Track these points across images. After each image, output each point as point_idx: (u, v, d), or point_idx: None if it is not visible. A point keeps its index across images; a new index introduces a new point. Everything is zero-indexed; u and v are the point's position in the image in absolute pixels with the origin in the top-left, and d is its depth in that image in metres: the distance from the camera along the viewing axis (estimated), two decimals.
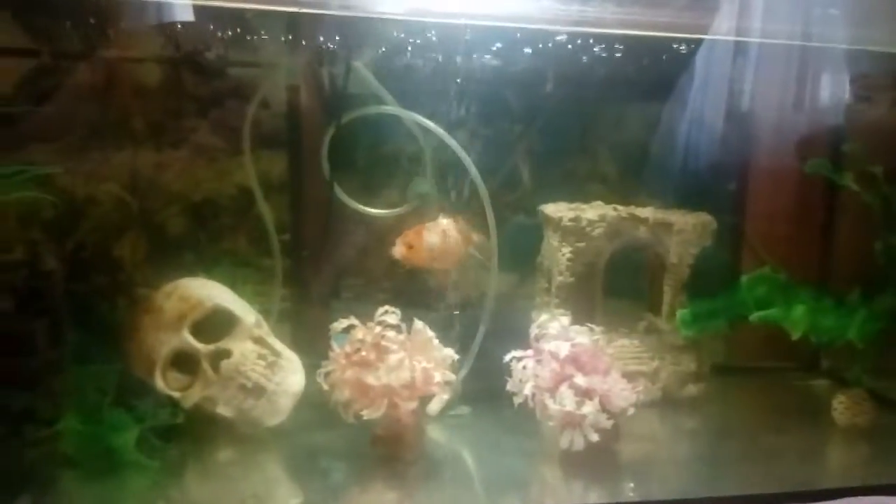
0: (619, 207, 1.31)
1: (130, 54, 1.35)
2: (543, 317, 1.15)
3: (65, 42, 1.32)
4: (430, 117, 1.28)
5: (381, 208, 1.36)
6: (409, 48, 1.33)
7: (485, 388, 1.23)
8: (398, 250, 1.17)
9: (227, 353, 1.12)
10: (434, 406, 1.22)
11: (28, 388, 1.10)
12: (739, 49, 1.44)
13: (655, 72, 1.44)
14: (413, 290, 1.47)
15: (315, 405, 1.16)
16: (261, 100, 1.32)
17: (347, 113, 1.31)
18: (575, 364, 1.08)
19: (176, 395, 1.10)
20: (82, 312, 1.25)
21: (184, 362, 1.12)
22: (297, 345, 1.24)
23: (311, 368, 1.17)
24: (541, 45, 1.35)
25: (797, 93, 1.50)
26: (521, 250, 1.40)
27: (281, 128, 1.38)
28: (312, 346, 1.28)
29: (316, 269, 1.42)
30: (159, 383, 1.09)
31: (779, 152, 1.51)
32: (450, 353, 1.11)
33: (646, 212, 1.31)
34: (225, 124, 1.39)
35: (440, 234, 1.18)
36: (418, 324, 1.10)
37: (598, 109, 1.49)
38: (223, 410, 1.13)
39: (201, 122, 1.39)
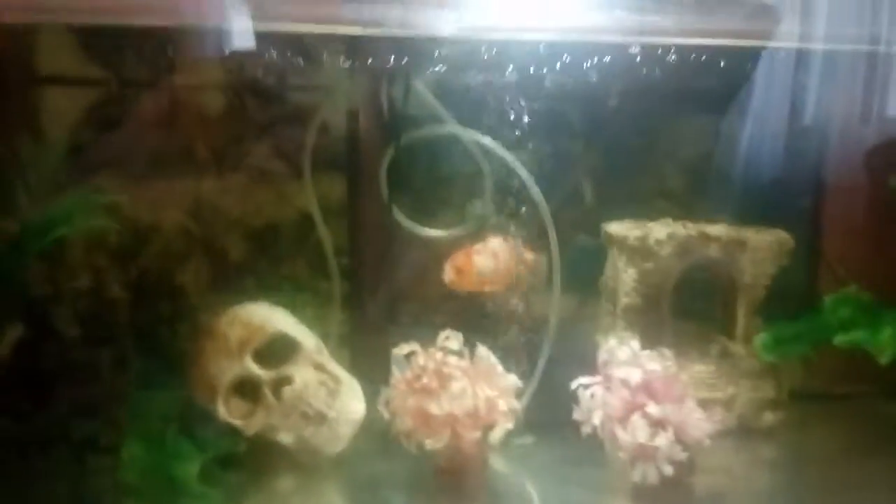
0: (689, 225, 1.26)
1: (192, 82, 1.37)
2: (612, 341, 1.10)
3: (130, 71, 1.35)
4: (489, 136, 1.25)
5: (440, 230, 1.34)
6: (469, 66, 1.31)
7: (549, 417, 1.19)
8: (447, 274, 1.14)
9: (288, 380, 1.11)
10: (497, 435, 1.17)
11: (91, 416, 1.11)
12: (810, 57, 1.38)
13: (723, 84, 1.39)
14: (473, 314, 1.44)
15: (376, 433, 1.14)
16: (320, 124, 1.31)
17: (406, 134, 1.29)
18: (647, 392, 1.03)
19: (238, 422, 1.09)
20: (146, 339, 1.26)
21: (246, 390, 1.11)
22: (356, 370, 1.21)
23: (370, 395, 1.16)
24: (603, 59, 1.31)
25: (874, 102, 1.42)
26: (583, 271, 1.35)
27: (340, 151, 1.37)
28: (372, 371, 1.26)
29: (374, 292, 1.40)
30: (221, 411, 1.08)
31: (856, 165, 1.43)
32: (514, 380, 1.08)
33: (717, 229, 1.25)
34: (284, 149, 1.40)
35: (490, 255, 1.15)
36: (482, 350, 1.07)
37: (664, 123, 1.44)
38: (284, 438, 1.11)
39: (261, 147, 1.39)
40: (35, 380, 1.12)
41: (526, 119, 1.30)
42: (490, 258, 1.14)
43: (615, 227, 1.30)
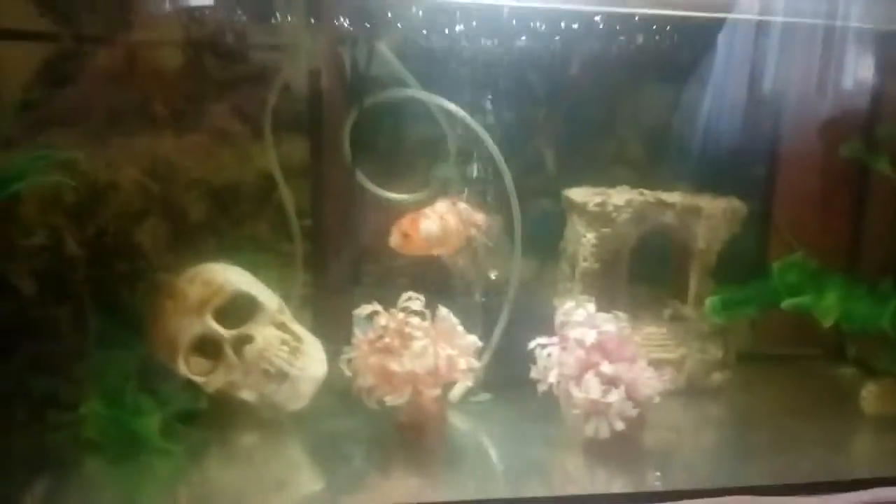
0: (646, 192, 1.29)
1: (151, 37, 1.34)
2: (569, 304, 1.12)
3: (86, 26, 1.31)
4: (453, 101, 1.26)
5: (403, 193, 1.34)
6: (433, 29, 1.30)
7: (506, 375, 1.22)
8: (394, 238, 1.12)
9: (249, 339, 1.11)
10: (456, 392, 1.20)
11: (51, 373, 1.10)
12: (767, 29, 1.40)
13: (682, 54, 1.41)
14: (435, 277, 1.46)
15: (337, 391, 1.16)
16: (282, 84, 1.30)
17: (370, 96, 1.28)
18: (601, 352, 1.06)
19: (199, 379, 1.10)
20: (104, 298, 1.25)
21: (206, 347, 1.11)
22: (318, 330, 1.23)
23: (332, 354, 1.17)
24: (564, 27, 1.31)
25: (827, 74, 1.46)
26: (543, 235, 1.37)
27: (302, 112, 1.36)
28: (333, 331, 1.27)
29: (337, 254, 1.41)
30: (182, 368, 1.09)
31: (808, 136, 1.47)
32: (474, 340, 1.10)
33: (673, 197, 1.29)
34: (245, 109, 1.38)
35: (437, 218, 1.14)
36: (442, 311, 1.09)
37: (625, 92, 1.45)
38: (246, 395, 1.12)
39: (221, 106, 1.37)
40: None
41: (489, 85, 1.31)
42: (436, 222, 1.13)
43: (575, 193, 1.32)
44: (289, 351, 1.13)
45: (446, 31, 1.31)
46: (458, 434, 1.15)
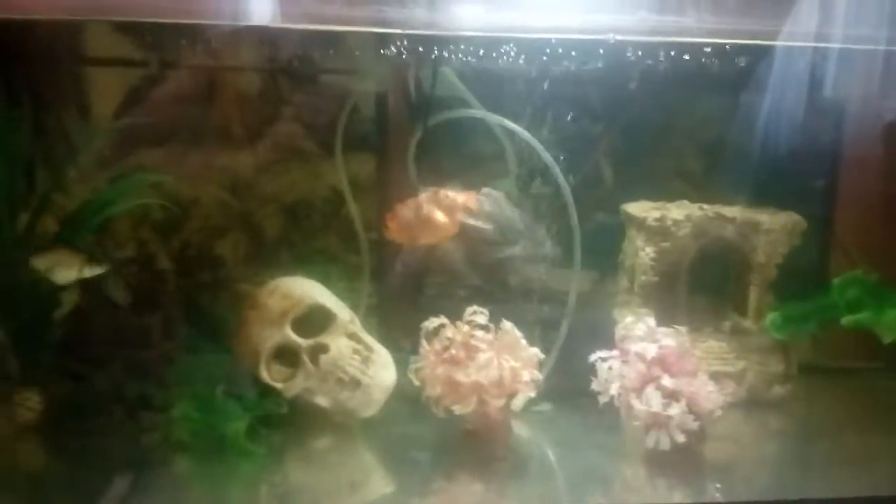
0: (706, 206, 1.29)
1: (230, 63, 1.41)
2: (629, 318, 1.14)
3: (170, 53, 1.39)
4: (512, 119, 1.29)
5: None
6: (494, 54, 1.34)
7: (567, 386, 1.24)
8: (383, 227, 1.17)
9: (324, 348, 1.16)
10: (519, 402, 1.22)
11: (144, 378, 1.17)
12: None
13: (740, 68, 1.40)
14: (495, 287, 1.49)
15: (405, 398, 1.20)
16: (352, 105, 1.35)
17: (433, 116, 1.33)
18: (662, 365, 1.07)
19: (279, 385, 1.15)
20: (191, 307, 1.32)
21: (286, 355, 1.17)
22: (384, 339, 1.27)
23: (398, 363, 1.21)
24: (620, 44, 1.32)
25: (891, 79, 1.42)
26: (602, 248, 1.39)
27: (370, 132, 1.41)
28: (399, 340, 1.32)
29: (401, 266, 1.45)
30: (264, 374, 1.15)
31: (871, 146, 1.44)
32: (536, 352, 1.12)
33: (733, 211, 1.28)
34: (317, 129, 1.44)
35: (413, 208, 1.16)
36: (506, 324, 1.11)
37: (682, 106, 1.45)
38: (321, 401, 1.17)
39: (295, 126, 1.44)
40: (91, 344, 1.19)
41: (549, 102, 1.33)
42: (411, 211, 1.16)
43: (634, 208, 1.33)
44: (361, 360, 1.18)
45: (504, 50, 1.33)
46: (521, 442, 1.18)
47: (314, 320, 1.18)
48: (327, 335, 1.18)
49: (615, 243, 1.40)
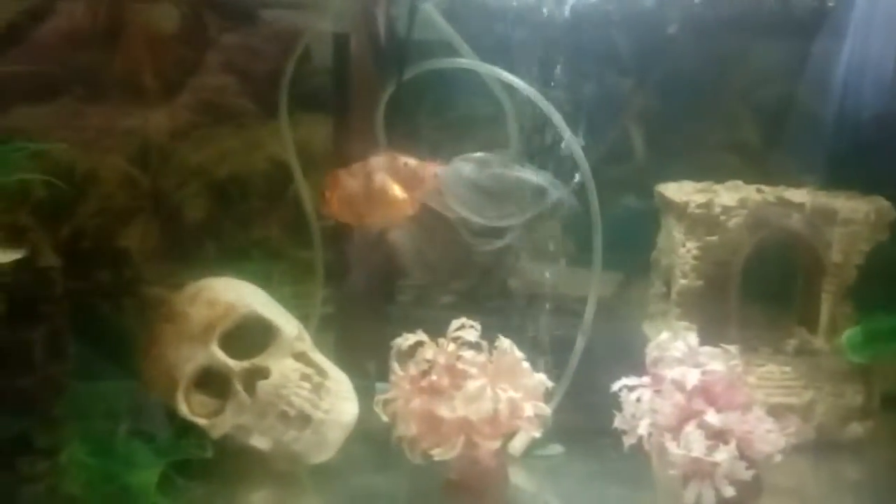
0: (765, 189, 1.29)
1: None
2: (664, 334, 1.14)
3: None
4: (515, 72, 1.28)
5: None
6: None
7: (582, 423, 1.25)
8: (318, 202, 1.14)
9: (263, 372, 1.16)
10: (518, 444, 1.23)
11: (23, 412, 1.16)
12: None
13: (812, 6, 1.40)
14: (489, 293, 1.49)
15: (370, 439, 1.19)
16: (301, 51, 1.34)
17: (410, 66, 1.32)
18: (706, 397, 1.08)
19: (202, 422, 1.14)
20: (84, 318, 1.31)
21: (211, 382, 1.16)
22: (342, 361, 1.26)
23: (360, 392, 1.21)
24: None
25: None
26: (629, 242, 1.39)
27: (325, 86, 1.41)
28: (360, 362, 1.32)
29: (365, 263, 1.45)
30: (182, 408, 1.14)
31: None
32: (542, 379, 1.12)
33: (800, 195, 1.29)
34: (255, 82, 1.43)
35: (363, 177, 1.14)
36: (504, 342, 1.11)
37: (735, 56, 1.46)
38: (258, 442, 1.16)
39: (227, 78, 1.42)
40: None
41: (561, 50, 1.32)
42: (361, 180, 1.14)
43: (672, 190, 1.33)
44: (311, 388, 1.17)
45: None
46: (521, 496, 1.17)
47: (250, 336, 1.17)
48: (267, 356, 1.17)
49: (646, 236, 1.41)
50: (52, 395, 1.18)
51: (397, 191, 1.14)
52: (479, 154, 1.18)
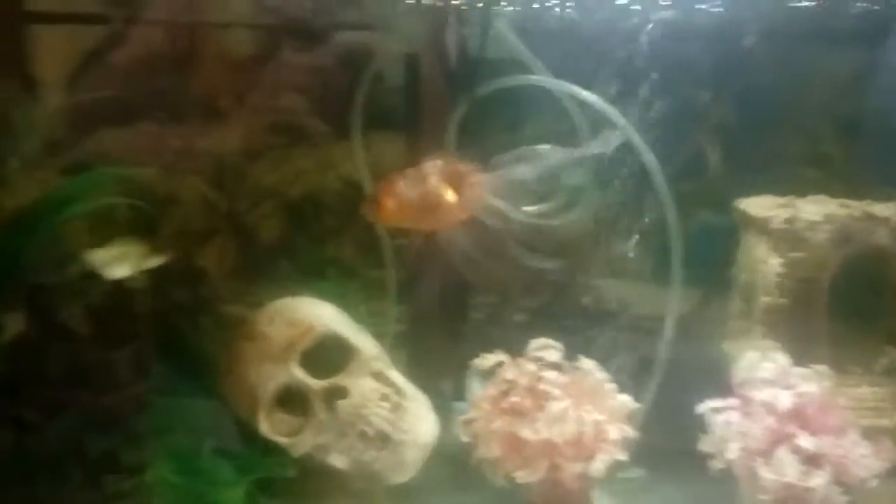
0: (851, 203, 1.26)
1: (214, 17, 1.42)
2: (752, 354, 1.11)
3: (141, 5, 1.39)
4: (588, 89, 1.26)
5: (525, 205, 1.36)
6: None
7: (663, 446, 1.21)
8: (367, 206, 1.12)
9: (343, 392, 1.16)
10: (599, 466, 1.20)
11: (109, 430, 1.18)
12: None
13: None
14: (565, 311, 1.48)
15: (447, 460, 1.19)
16: (374, 72, 1.34)
17: (482, 84, 1.31)
18: (799, 420, 1.05)
19: (284, 441, 1.14)
20: (164, 336, 1.32)
21: (292, 402, 1.16)
22: (416, 380, 1.25)
23: (435, 411, 1.20)
24: None
25: None
26: (706, 259, 1.36)
27: (397, 105, 1.41)
28: (434, 381, 1.31)
29: (438, 281, 1.44)
30: (264, 426, 1.14)
31: None
32: (627, 400, 1.11)
33: (886, 209, 1.25)
34: (329, 102, 1.44)
35: (418, 182, 1.11)
36: (587, 363, 1.10)
37: (817, 67, 1.42)
38: (337, 461, 1.16)
39: (300, 99, 1.44)
40: (40, 385, 1.19)
41: (636, 64, 1.31)
42: (416, 185, 1.10)
43: (753, 205, 1.30)
44: (390, 408, 1.17)
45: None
46: None
47: (329, 355, 1.17)
48: (346, 375, 1.17)
49: (723, 252, 1.37)
50: (137, 412, 1.19)
51: (450, 195, 1.13)
52: (523, 149, 1.16)
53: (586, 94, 1.26)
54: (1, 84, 1.39)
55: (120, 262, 1.17)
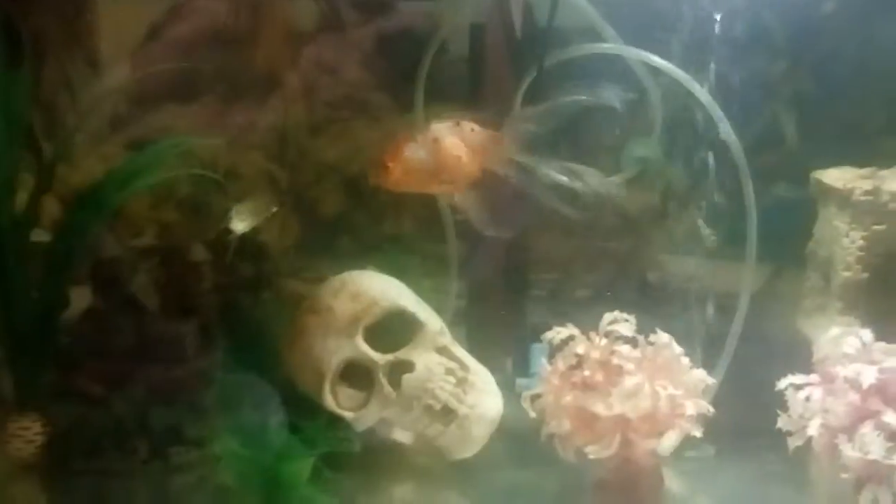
0: None
1: None
2: (834, 330, 1.07)
3: None
4: (661, 54, 1.24)
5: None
6: None
7: (735, 423, 1.17)
8: (373, 172, 1.08)
9: (408, 366, 1.15)
10: (668, 443, 1.17)
11: (174, 403, 1.18)
12: None
13: None
14: (630, 285, 1.45)
15: (514, 435, 1.17)
16: (439, 43, 1.32)
17: (550, 53, 1.28)
18: (884, 396, 1.00)
19: (348, 415, 1.14)
20: (227, 310, 1.33)
21: (357, 376, 1.15)
22: (476, 355, 1.23)
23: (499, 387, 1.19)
24: None
25: None
26: (780, 232, 1.32)
27: (461, 77, 1.38)
28: (495, 356, 1.29)
29: (501, 256, 1.42)
30: (328, 400, 1.14)
31: None
32: (702, 375, 1.08)
33: None
34: (390, 75, 1.42)
35: (428, 144, 1.07)
36: (662, 336, 1.07)
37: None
38: (401, 436, 1.16)
39: (364, 73, 1.42)
40: (107, 358, 1.20)
41: (711, 30, 1.27)
42: (425, 147, 1.07)
43: (832, 176, 1.25)
44: (455, 383, 1.15)
45: None
46: (674, 498, 1.14)
47: (393, 330, 1.16)
48: (411, 349, 1.16)
49: (798, 225, 1.33)
50: (203, 386, 1.19)
51: (463, 156, 1.09)
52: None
53: (661, 62, 1.23)
54: (65, 60, 1.40)
55: (245, 216, 1.17)
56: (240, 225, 1.20)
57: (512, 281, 1.45)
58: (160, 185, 1.32)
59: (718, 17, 1.27)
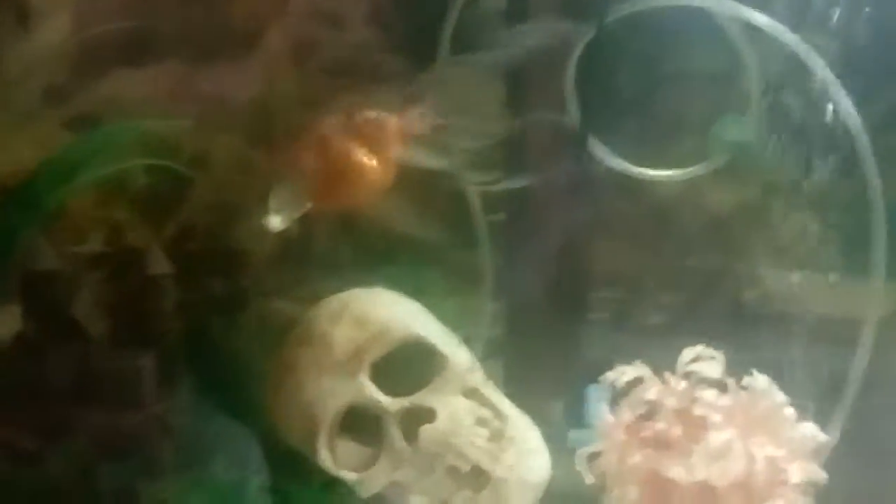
0: None
1: None
2: None
3: None
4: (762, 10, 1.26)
5: (665, 168, 1.35)
6: None
7: (851, 490, 1.18)
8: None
9: (427, 414, 1.16)
10: None
11: (126, 458, 1.20)
12: None
13: None
14: (719, 309, 1.46)
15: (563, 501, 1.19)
16: None
17: (613, 9, 1.29)
18: None
19: (350, 476, 1.16)
20: (195, 339, 1.35)
21: (361, 425, 1.17)
22: (517, 400, 1.25)
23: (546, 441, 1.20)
24: None
25: None
26: None
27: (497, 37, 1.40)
28: (542, 402, 1.31)
29: (548, 269, 1.44)
30: (324, 456, 1.15)
31: None
32: (812, 430, 1.09)
33: None
34: (404, 36, 1.44)
35: (317, 146, 1.12)
36: (759, 380, 1.08)
37: None
38: None
39: (372, 32, 1.44)
40: (42, 401, 1.22)
41: None
42: (315, 150, 1.12)
43: None
44: (489, 436, 1.17)
45: None
46: None
47: (409, 366, 1.18)
48: (432, 392, 1.18)
49: None
50: (163, 436, 1.21)
51: (363, 157, 1.12)
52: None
53: (762, 19, 1.24)
54: None
55: (283, 208, 1.16)
56: (276, 220, 1.17)
57: (563, 302, 1.47)
58: (109, 178, 1.34)
59: None
